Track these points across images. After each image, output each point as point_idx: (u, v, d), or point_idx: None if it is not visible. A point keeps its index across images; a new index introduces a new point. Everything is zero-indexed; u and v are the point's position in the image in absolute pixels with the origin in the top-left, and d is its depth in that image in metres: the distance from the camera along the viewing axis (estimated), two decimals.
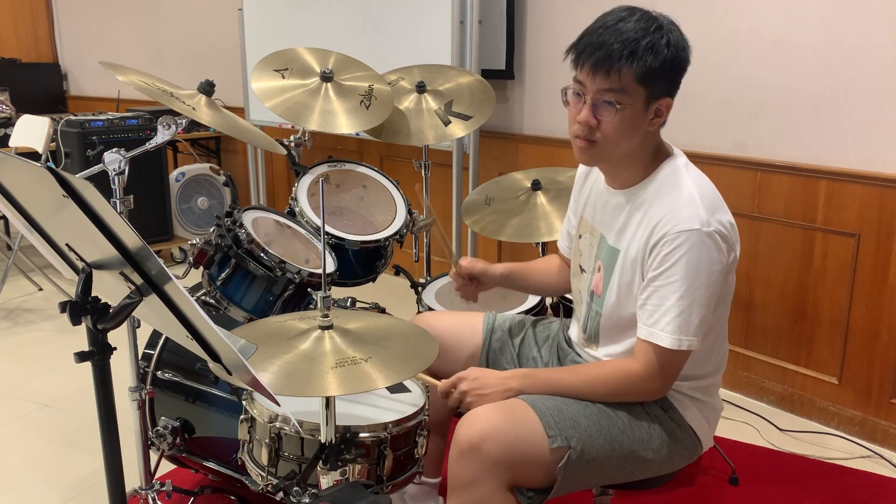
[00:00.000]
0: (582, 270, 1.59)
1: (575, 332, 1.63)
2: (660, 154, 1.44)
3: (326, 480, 1.37)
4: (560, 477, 1.35)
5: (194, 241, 1.86)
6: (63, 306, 1.06)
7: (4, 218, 4.24)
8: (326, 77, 2.34)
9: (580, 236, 1.60)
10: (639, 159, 1.42)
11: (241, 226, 1.86)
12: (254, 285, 1.88)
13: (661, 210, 1.36)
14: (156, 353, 1.91)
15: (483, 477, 1.32)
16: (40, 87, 5.56)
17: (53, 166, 1.11)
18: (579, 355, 1.60)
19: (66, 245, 1.11)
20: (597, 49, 1.31)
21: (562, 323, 1.75)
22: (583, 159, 1.43)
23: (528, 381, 1.43)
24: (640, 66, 1.30)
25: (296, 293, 1.88)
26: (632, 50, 1.29)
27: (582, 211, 1.60)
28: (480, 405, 1.39)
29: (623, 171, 1.45)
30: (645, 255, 1.37)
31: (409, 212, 2.33)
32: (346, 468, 1.38)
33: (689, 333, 1.33)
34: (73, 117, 3.93)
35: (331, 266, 2.02)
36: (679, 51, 1.34)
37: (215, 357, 1.05)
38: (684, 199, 1.35)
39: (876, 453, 2.43)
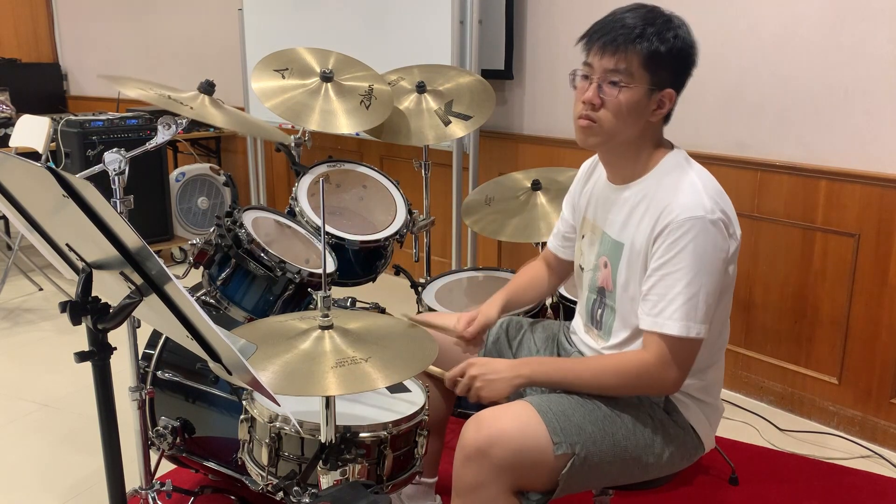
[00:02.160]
0: (582, 269, 1.59)
1: (581, 327, 1.62)
2: (661, 149, 1.45)
3: (326, 480, 1.37)
4: (563, 482, 1.36)
5: (194, 241, 1.86)
6: (63, 306, 1.06)
7: (4, 218, 4.24)
8: (326, 77, 2.34)
9: (582, 236, 1.60)
10: (639, 151, 1.44)
11: (241, 226, 1.86)
12: (254, 285, 1.88)
13: (664, 199, 1.36)
14: (156, 353, 1.91)
15: (489, 481, 1.32)
16: (40, 87, 5.56)
17: (53, 166, 1.11)
18: (581, 353, 1.60)
19: (66, 245, 1.11)
20: (607, 32, 1.37)
21: (561, 324, 1.75)
22: (583, 139, 1.44)
23: (538, 368, 1.43)
24: (646, 49, 1.34)
25: (296, 293, 1.88)
26: (639, 33, 1.35)
27: (584, 212, 1.60)
28: (490, 391, 1.39)
29: (623, 162, 1.46)
30: (649, 245, 1.37)
31: (409, 212, 2.33)
32: (346, 468, 1.38)
33: (698, 321, 1.33)
34: (73, 117, 3.92)
35: (331, 266, 2.02)
36: (686, 45, 1.39)
37: (215, 357, 1.05)
38: (687, 188, 1.36)
39: (876, 453, 2.43)
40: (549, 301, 2.24)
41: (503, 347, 1.71)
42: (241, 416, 1.52)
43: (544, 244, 2.29)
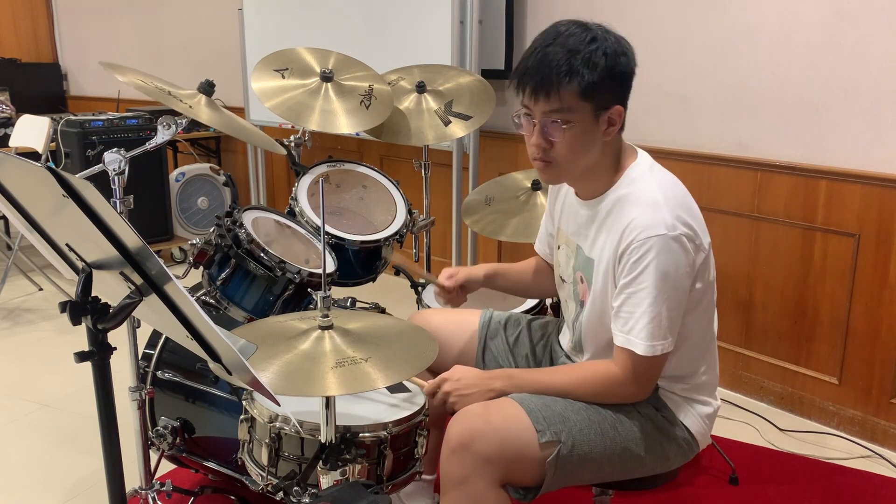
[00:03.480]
0: (563, 280, 1.60)
1: (566, 339, 1.64)
2: (623, 160, 1.44)
3: (326, 480, 1.37)
4: (550, 471, 1.36)
5: (194, 241, 1.86)
6: (63, 306, 1.06)
7: (4, 218, 4.24)
8: (326, 77, 2.34)
9: (558, 247, 1.61)
10: (602, 169, 1.43)
11: (241, 226, 1.86)
12: (254, 285, 1.88)
13: (626, 217, 1.36)
14: (156, 353, 1.91)
15: (475, 474, 1.33)
16: (40, 87, 5.56)
17: (53, 166, 1.11)
18: (570, 358, 1.62)
19: (66, 245, 1.11)
20: (534, 73, 1.33)
21: (556, 324, 1.76)
22: (545, 179, 1.46)
23: (511, 382, 1.45)
24: (579, 83, 1.31)
25: (296, 293, 1.88)
26: (567, 68, 1.30)
27: (559, 222, 1.61)
28: (463, 405, 1.41)
29: (588, 183, 1.46)
30: (615, 262, 1.38)
31: (409, 212, 2.33)
32: (346, 468, 1.38)
33: (661, 338, 1.34)
34: (73, 117, 3.93)
35: (331, 266, 2.02)
36: (617, 57, 1.33)
37: (215, 357, 1.05)
38: (648, 204, 1.35)
39: (876, 453, 2.43)
40: (549, 301, 2.24)
41: (501, 343, 1.72)
42: (241, 416, 1.52)
43: None
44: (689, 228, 1.34)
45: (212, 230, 1.87)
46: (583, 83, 1.31)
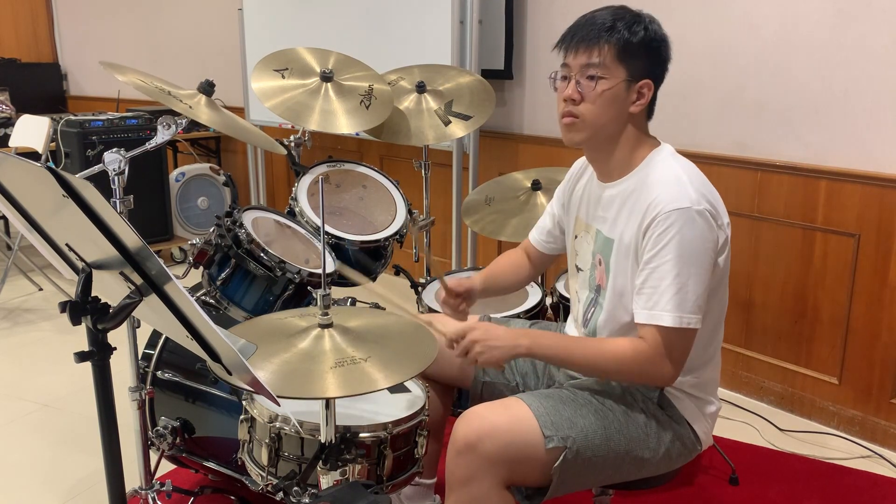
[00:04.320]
0: (578, 270, 1.60)
1: (573, 330, 1.63)
2: (646, 145, 1.47)
3: (326, 480, 1.37)
4: (556, 477, 1.36)
5: (194, 241, 1.86)
6: (63, 306, 1.06)
7: (4, 218, 4.24)
8: (326, 77, 2.34)
9: (576, 237, 1.61)
10: (624, 146, 1.45)
11: (241, 226, 1.86)
12: (254, 285, 1.88)
13: (651, 193, 1.38)
14: (156, 353, 1.91)
15: (480, 475, 1.33)
16: (40, 87, 5.56)
17: (53, 166, 1.11)
18: None
19: (66, 245, 1.11)
20: (578, 31, 1.42)
21: (559, 326, 1.76)
22: (568, 137, 1.46)
23: (538, 341, 1.43)
24: (618, 41, 1.38)
25: (296, 293, 1.88)
26: (610, 26, 1.39)
27: (577, 212, 1.61)
28: (488, 357, 1.40)
29: (609, 159, 1.48)
30: (639, 239, 1.39)
31: (409, 212, 2.33)
32: (346, 468, 1.38)
33: (688, 311, 1.34)
34: (73, 117, 3.93)
35: (331, 266, 2.02)
36: (657, 37, 1.42)
37: (215, 357, 1.05)
38: (672, 181, 1.38)
39: (876, 453, 2.43)
40: (549, 301, 2.24)
41: None
42: (241, 416, 1.52)
43: None
44: (711, 206, 1.36)
45: (212, 230, 1.88)
46: (621, 41, 1.38)
